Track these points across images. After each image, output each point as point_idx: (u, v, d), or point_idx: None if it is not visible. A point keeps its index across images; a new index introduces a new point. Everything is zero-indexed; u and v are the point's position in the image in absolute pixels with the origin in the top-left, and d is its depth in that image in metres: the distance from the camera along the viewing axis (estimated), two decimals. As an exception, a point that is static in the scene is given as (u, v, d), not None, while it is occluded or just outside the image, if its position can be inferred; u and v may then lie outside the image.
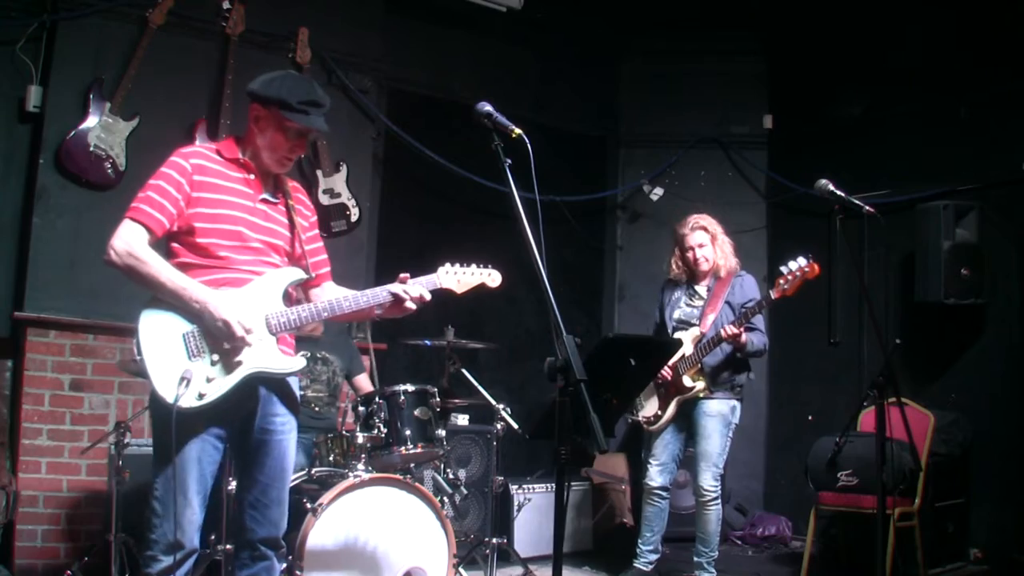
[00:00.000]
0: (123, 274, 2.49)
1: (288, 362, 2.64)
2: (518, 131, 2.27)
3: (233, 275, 2.58)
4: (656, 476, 4.38)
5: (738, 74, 6.45)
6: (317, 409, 4.38)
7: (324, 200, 5.16)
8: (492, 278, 2.97)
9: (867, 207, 3.28)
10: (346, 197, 5.21)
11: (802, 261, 4.04)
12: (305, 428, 4.25)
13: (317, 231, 2.88)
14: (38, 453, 4.24)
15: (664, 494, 4.40)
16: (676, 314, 4.43)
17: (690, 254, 4.41)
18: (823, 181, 3.32)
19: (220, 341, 2.50)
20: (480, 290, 2.95)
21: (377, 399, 3.76)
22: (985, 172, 5.05)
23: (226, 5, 4.81)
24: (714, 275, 4.41)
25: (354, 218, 5.23)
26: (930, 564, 4.38)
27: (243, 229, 2.61)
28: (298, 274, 2.70)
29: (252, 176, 2.67)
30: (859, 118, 5.85)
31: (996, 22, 5.03)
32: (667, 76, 6.54)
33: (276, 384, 2.66)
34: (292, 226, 2.74)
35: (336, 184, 5.19)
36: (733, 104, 6.44)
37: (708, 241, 4.39)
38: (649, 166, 6.52)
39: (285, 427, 2.67)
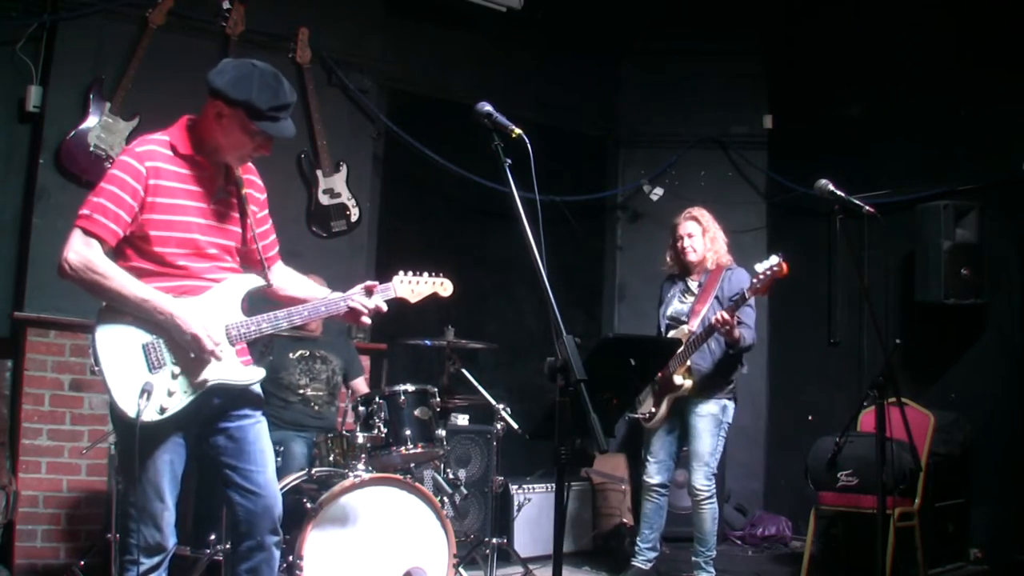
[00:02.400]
0: (80, 287, 2.41)
1: (249, 373, 2.60)
2: (518, 131, 2.27)
3: (192, 283, 2.52)
4: (654, 473, 4.39)
5: (738, 74, 6.45)
6: (317, 408, 4.38)
7: (324, 200, 5.17)
8: (444, 287, 2.98)
9: (867, 207, 3.28)
10: (346, 197, 5.21)
11: (774, 260, 4.01)
12: (305, 428, 4.28)
13: (267, 212, 2.76)
14: (38, 453, 4.24)
15: (662, 491, 4.41)
16: (669, 311, 4.45)
17: (679, 244, 4.43)
18: (823, 181, 3.32)
19: (185, 352, 2.46)
20: (433, 299, 2.96)
21: (377, 399, 3.76)
22: (985, 172, 5.04)
23: (226, 5, 4.81)
24: (705, 270, 4.41)
25: (354, 218, 5.23)
26: (930, 564, 4.37)
27: (197, 236, 2.52)
28: (256, 281, 2.66)
29: (206, 172, 2.56)
30: (859, 118, 5.85)
31: (996, 22, 5.02)
32: (667, 76, 6.53)
33: (232, 389, 2.60)
34: (244, 220, 2.65)
35: (336, 184, 5.19)
36: (733, 104, 6.44)
37: (698, 232, 4.40)
38: (649, 166, 6.52)
39: (252, 414, 2.63)
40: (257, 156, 2.61)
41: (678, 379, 4.25)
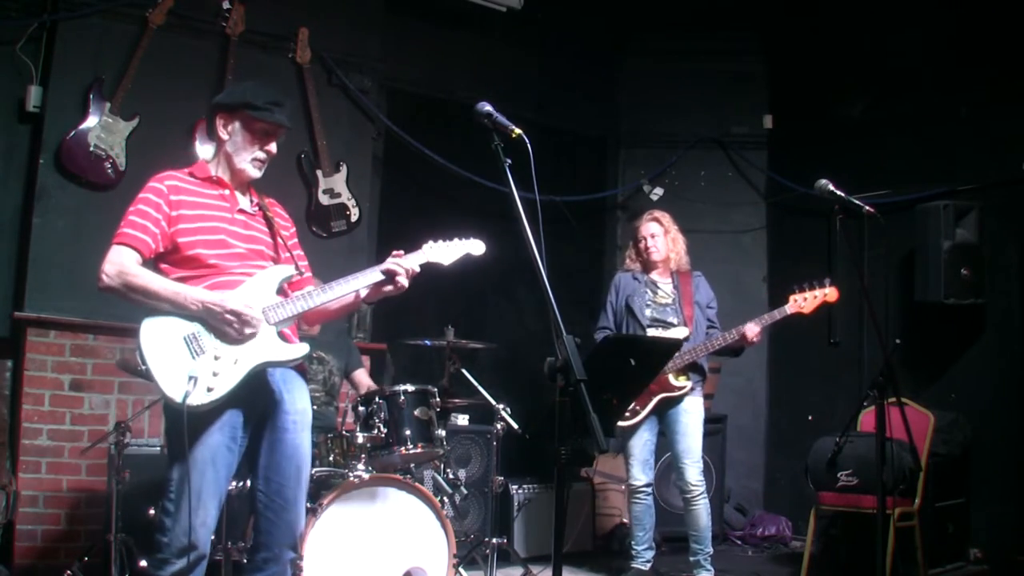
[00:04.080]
0: (119, 296, 2.53)
1: (291, 350, 2.65)
2: (518, 131, 2.27)
3: (226, 278, 2.61)
4: (639, 474, 4.39)
5: (738, 74, 6.45)
6: (315, 408, 4.36)
7: (324, 200, 5.16)
8: (475, 246, 3.00)
9: (867, 207, 3.28)
10: (346, 197, 5.21)
11: (820, 285, 4.23)
12: (304, 428, 4.27)
13: (297, 240, 2.92)
14: (38, 453, 4.24)
15: (649, 490, 4.42)
16: (648, 312, 4.45)
17: (642, 243, 4.52)
18: (823, 181, 3.32)
19: (225, 336, 2.53)
20: (467, 260, 2.97)
21: (377, 399, 3.76)
22: (985, 172, 5.05)
23: (226, 5, 4.81)
24: (668, 270, 4.49)
25: (354, 218, 5.23)
26: (930, 564, 4.37)
27: (226, 237, 2.66)
28: (290, 271, 2.75)
29: (227, 191, 2.72)
30: (859, 118, 5.85)
31: (996, 22, 5.03)
32: (667, 76, 6.54)
33: (286, 377, 2.69)
34: (273, 233, 2.80)
35: (336, 184, 5.19)
36: (733, 104, 6.45)
37: (660, 232, 4.49)
38: (649, 166, 6.52)
39: (297, 426, 2.69)
40: (266, 159, 2.74)
41: (675, 380, 4.29)
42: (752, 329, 4.22)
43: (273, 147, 2.74)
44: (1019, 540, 4.69)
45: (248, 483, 2.89)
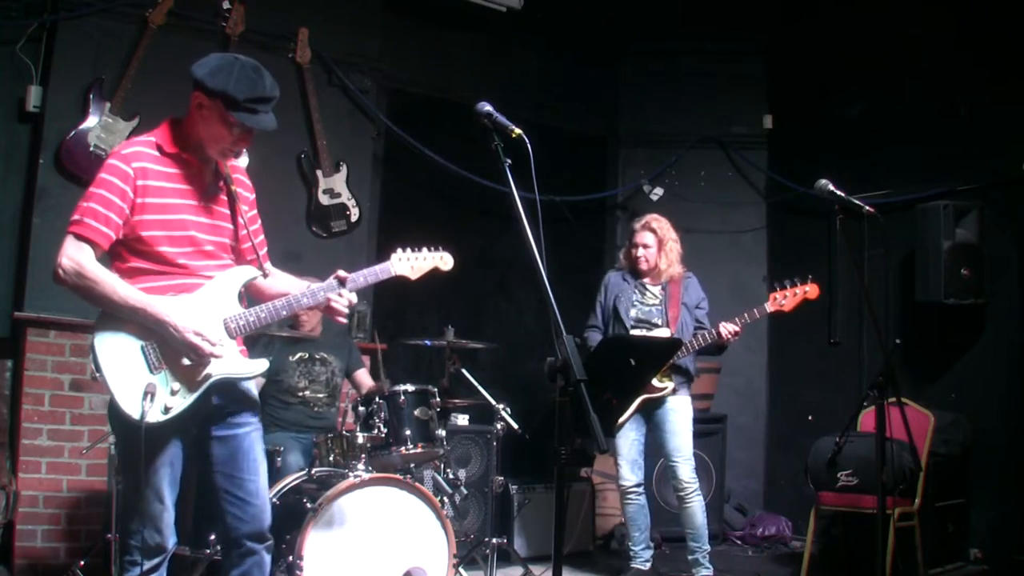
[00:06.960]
0: (74, 292, 2.40)
1: (251, 365, 2.58)
2: (518, 131, 2.26)
3: (188, 280, 2.50)
4: (628, 474, 4.39)
5: (738, 74, 6.45)
6: (317, 409, 4.37)
7: (324, 200, 5.16)
8: (444, 261, 2.97)
9: (867, 207, 3.28)
10: (346, 197, 5.21)
11: (800, 282, 4.17)
12: (305, 428, 4.28)
13: (256, 212, 2.75)
14: (38, 453, 4.24)
15: (640, 490, 4.41)
16: (633, 312, 4.44)
17: (633, 251, 4.46)
18: (823, 181, 3.32)
19: (184, 356, 2.44)
20: (434, 274, 2.94)
21: (377, 399, 3.77)
22: (985, 172, 5.04)
23: (226, 5, 4.81)
24: (657, 277, 4.45)
25: (354, 218, 5.23)
26: (930, 564, 4.38)
27: (195, 233, 2.52)
28: (251, 273, 2.63)
29: (193, 169, 2.55)
30: (859, 118, 5.84)
31: (995, 22, 5.02)
32: (667, 76, 6.54)
33: (230, 388, 2.58)
34: (235, 215, 2.64)
35: (336, 184, 5.19)
36: (733, 104, 6.45)
37: (653, 244, 4.43)
38: (649, 166, 6.52)
39: (248, 421, 2.62)
40: (238, 149, 2.59)
41: (657, 382, 4.27)
42: (726, 328, 4.17)
43: (248, 142, 2.56)
44: (1019, 540, 4.69)
45: None
